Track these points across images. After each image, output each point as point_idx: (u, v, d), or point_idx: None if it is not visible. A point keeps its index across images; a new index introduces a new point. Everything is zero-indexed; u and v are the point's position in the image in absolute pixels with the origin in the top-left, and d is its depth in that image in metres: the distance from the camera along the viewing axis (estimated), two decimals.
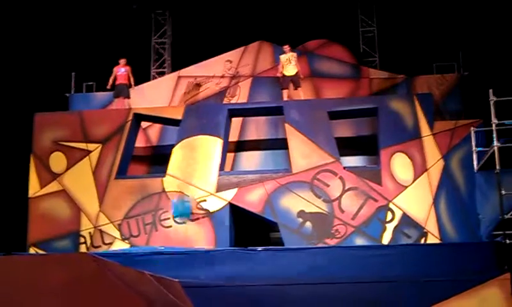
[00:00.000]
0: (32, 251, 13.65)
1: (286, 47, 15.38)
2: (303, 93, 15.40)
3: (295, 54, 15.38)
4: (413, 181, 13.53)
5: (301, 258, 11.57)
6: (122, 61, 15.62)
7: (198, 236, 13.54)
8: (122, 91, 15.56)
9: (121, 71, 15.58)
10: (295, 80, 15.24)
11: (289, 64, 15.20)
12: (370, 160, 15.23)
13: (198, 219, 13.70)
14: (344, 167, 13.80)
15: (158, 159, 16.21)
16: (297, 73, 15.22)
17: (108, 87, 15.59)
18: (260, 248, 11.71)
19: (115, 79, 15.56)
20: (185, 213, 13.72)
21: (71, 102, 16.98)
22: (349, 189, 13.55)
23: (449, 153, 13.67)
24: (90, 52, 18.04)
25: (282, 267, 11.44)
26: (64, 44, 18.53)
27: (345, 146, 14.77)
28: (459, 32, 17.83)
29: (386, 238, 13.19)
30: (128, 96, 15.57)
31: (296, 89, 15.28)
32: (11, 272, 8.21)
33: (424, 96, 14.50)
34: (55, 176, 14.23)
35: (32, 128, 14.65)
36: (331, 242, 13.20)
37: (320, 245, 13.06)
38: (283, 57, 15.34)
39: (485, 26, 17.35)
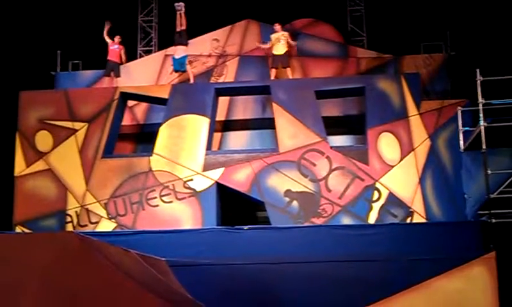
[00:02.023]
0: (18, 229, 13.60)
1: (277, 26, 15.31)
2: (290, 73, 15.37)
3: (286, 33, 15.32)
4: (399, 161, 13.56)
5: (288, 237, 11.66)
6: (117, 38, 15.53)
7: (185, 216, 13.52)
8: (113, 69, 15.47)
9: (115, 47, 15.49)
10: (284, 60, 15.18)
11: (278, 43, 15.14)
12: (358, 140, 15.24)
13: (184, 198, 13.69)
14: (331, 147, 13.80)
15: (144, 137, 16.16)
16: (286, 52, 15.16)
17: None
18: (246, 227, 11.78)
19: (107, 54, 15.46)
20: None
21: (57, 81, 16.83)
22: (335, 169, 13.57)
23: (436, 133, 13.70)
24: (76, 30, 17.88)
25: (269, 246, 11.51)
26: (49, 22, 18.35)
27: (333, 126, 14.77)
28: (447, 12, 17.83)
29: (372, 218, 13.23)
30: (118, 75, 15.50)
31: (284, 68, 15.24)
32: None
33: (411, 75, 14.49)
34: (41, 155, 14.14)
35: (18, 106, 14.53)
36: (318, 221, 13.23)
37: (306, 224, 13.11)
38: (273, 36, 15.27)
39: (472, 6, 17.33)
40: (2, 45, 18.11)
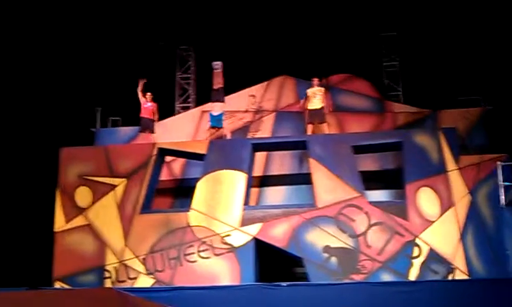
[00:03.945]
0: (57, 285, 13.66)
1: (315, 80, 15.39)
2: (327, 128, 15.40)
3: (322, 89, 15.40)
4: (439, 216, 13.40)
5: (327, 294, 11.51)
6: (149, 96, 15.74)
7: (222, 272, 13.46)
8: (148, 126, 15.67)
9: (148, 105, 15.70)
10: (320, 115, 15.23)
11: (314, 98, 15.22)
12: (396, 195, 15.09)
13: (222, 253, 13.66)
14: (369, 202, 13.71)
15: (182, 192, 16.25)
16: (322, 107, 15.22)
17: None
18: (285, 283, 11.67)
19: (140, 112, 15.68)
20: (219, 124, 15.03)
21: (97, 137, 17.10)
22: (374, 224, 13.45)
23: (476, 188, 13.53)
24: (116, 87, 18.22)
25: (307, 303, 11.38)
26: (89, 79, 18.74)
27: (370, 180, 14.68)
28: (483, 66, 17.78)
29: (413, 274, 13.02)
30: (153, 131, 15.69)
31: (320, 123, 15.27)
32: (38, 306, 8.22)
33: (449, 130, 14.39)
34: (80, 210, 14.27)
35: (58, 162, 14.74)
36: (358, 277, 13.06)
37: (346, 281, 12.94)
38: (309, 91, 15.36)
39: (509, 60, 17.28)
40: (43, 103, 18.51)
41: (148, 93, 15.70)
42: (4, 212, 17.19)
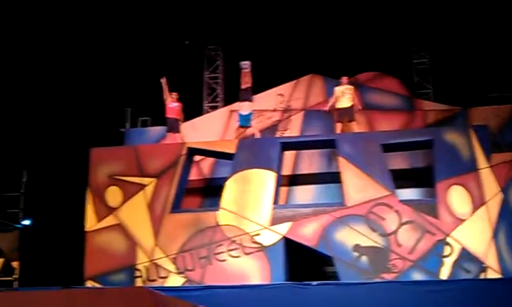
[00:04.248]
0: (89, 284, 13.77)
1: (344, 79, 15.31)
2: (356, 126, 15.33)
3: (351, 87, 15.32)
4: (471, 215, 13.25)
5: (357, 293, 11.47)
6: (175, 95, 15.78)
7: (252, 271, 13.46)
8: (174, 126, 15.72)
9: (173, 105, 15.74)
10: (349, 113, 15.16)
11: (343, 96, 15.15)
12: (426, 193, 14.98)
13: (251, 253, 13.67)
14: (400, 200, 13.61)
15: (211, 192, 16.29)
16: (352, 106, 15.15)
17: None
18: (315, 282, 11.64)
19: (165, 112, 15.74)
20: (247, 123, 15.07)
21: (126, 137, 17.23)
22: (405, 223, 13.34)
23: (508, 186, 13.34)
24: (144, 87, 18.33)
25: (338, 302, 11.34)
26: (119, 80, 18.88)
27: (400, 179, 14.56)
28: None
29: (444, 273, 12.88)
30: (178, 131, 15.72)
31: (349, 122, 15.20)
32: (72, 305, 8.30)
33: (480, 128, 14.21)
34: (111, 210, 14.36)
35: (89, 163, 14.87)
36: (388, 276, 12.97)
37: (376, 279, 12.87)
38: (337, 89, 15.29)
39: None
40: (73, 103, 18.69)
41: (174, 93, 15.73)
42: (37, 213, 17.40)
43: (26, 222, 16.99)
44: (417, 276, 12.91)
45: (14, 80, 18.57)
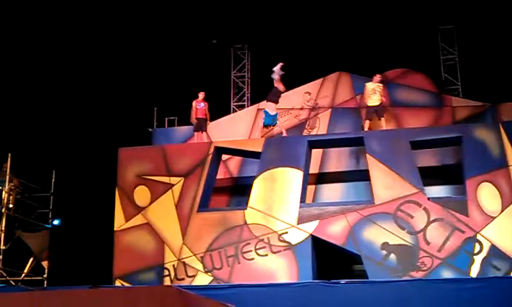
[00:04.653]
0: (117, 283, 13.85)
1: (376, 76, 15.18)
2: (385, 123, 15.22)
3: (381, 85, 15.22)
4: (501, 212, 13.08)
5: (386, 292, 11.35)
6: (201, 95, 15.83)
7: (280, 269, 13.47)
8: (202, 125, 15.78)
9: (201, 105, 15.80)
10: (379, 111, 15.06)
11: (374, 94, 15.04)
12: (455, 190, 14.84)
13: (279, 251, 13.65)
14: (428, 198, 13.49)
15: (238, 190, 16.31)
16: (381, 103, 15.05)
17: (192, 121, 15.83)
18: (343, 281, 11.56)
19: (193, 113, 15.80)
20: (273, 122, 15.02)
21: (153, 137, 17.31)
22: (434, 220, 13.22)
23: None
24: (171, 87, 18.41)
25: (366, 301, 11.25)
26: (146, 80, 18.98)
27: (429, 176, 14.43)
28: None
29: (474, 271, 12.76)
30: (205, 130, 15.78)
31: (379, 119, 15.09)
32: (101, 304, 8.36)
33: (510, 123, 14.02)
34: (139, 209, 14.46)
35: (117, 162, 14.97)
36: (417, 274, 12.88)
37: (405, 278, 12.77)
38: (368, 86, 15.19)
39: None
40: (101, 105, 18.84)
41: (201, 93, 15.79)
42: (66, 213, 17.56)
43: (55, 222, 17.14)
44: (446, 274, 12.79)
45: (44, 82, 18.78)
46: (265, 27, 18.95)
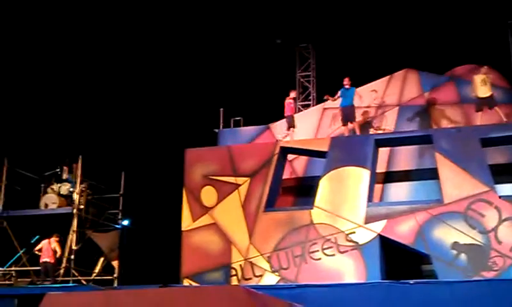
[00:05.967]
0: (185, 282, 14.02)
1: (483, 68, 14.77)
2: (452, 120, 14.88)
3: (490, 75, 14.81)
4: None
5: (457, 292, 11.14)
6: (293, 94, 16.02)
7: (347, 269, 13.35)
8: (292, 122, 15.82)
9: (291, 102, 15.95)
10: (490, 102, 14.61)
11: (484, 85, 14.62)
12: None
13: (346, 251, 13.54)
14: (500, 196, 13.15)
15: (304, 190, 16.23)
16: (491, 94, 14.60)
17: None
18: (412, 281, 11.40)
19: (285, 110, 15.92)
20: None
21: (219, 137, 17.42)
22: (506, 219, 12.88)
23: None
24: (237, 87, 18.52)
25: (437, 301, 11.07)
26: (212, 81, 19.16)
27: (500, 174, 14.07)
28: None
29: None
30: (295, 126, 15.81)
31: (490, 109, 14.65)
32: (170, 303, 8.48)
33: None
34: (206, 209, 14.58)
35: (184, 163, 15.12)
36: (489, 274, 12.57)
37: (476, 278, 12.48)
38: (477, 78, 14.76)
39: None
40: (168, 107, 19.12)
41: (293, 91, 15.96)
42: (135, 213, 17.88)
43: (125, 222, 17.49)
44: None
45: (113, 87, 19.18)
46: (330, 26, 18.85)
